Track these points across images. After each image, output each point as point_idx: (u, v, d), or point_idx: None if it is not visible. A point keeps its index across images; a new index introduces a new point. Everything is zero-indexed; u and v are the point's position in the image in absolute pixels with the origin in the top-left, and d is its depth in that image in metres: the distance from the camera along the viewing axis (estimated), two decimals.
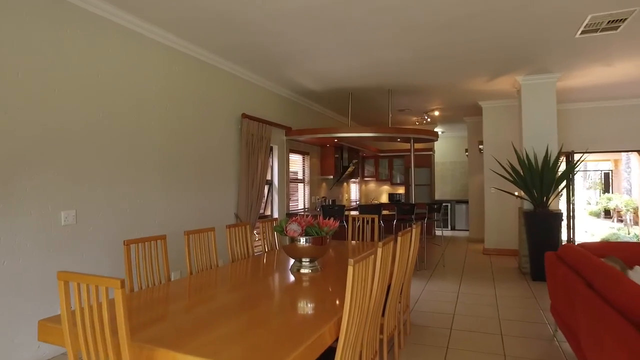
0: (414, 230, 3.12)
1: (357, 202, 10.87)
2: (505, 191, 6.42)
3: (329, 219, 2.93)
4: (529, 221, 5.49)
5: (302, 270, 2.81)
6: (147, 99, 4.05)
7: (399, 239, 2.72)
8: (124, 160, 3.77)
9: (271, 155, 6.66)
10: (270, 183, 6.63)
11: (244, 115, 5.53)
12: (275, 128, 6.47)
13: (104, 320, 1.38)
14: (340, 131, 6.46)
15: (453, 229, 11.77)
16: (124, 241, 2.44)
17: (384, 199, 11.06)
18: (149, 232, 4.02)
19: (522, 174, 5.61)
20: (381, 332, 2.64)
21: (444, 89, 6.79)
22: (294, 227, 2.74)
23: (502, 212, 7.50)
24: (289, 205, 7.00)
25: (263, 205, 6.51)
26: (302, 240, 2.74)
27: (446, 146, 12.50)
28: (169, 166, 4.35)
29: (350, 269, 1.73)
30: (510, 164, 5.75)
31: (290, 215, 6.79)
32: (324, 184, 8.52)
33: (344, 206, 6.20)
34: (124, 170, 3.77)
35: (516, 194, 6.00)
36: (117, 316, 1.33)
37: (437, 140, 7.08)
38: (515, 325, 3.75)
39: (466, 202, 11.54)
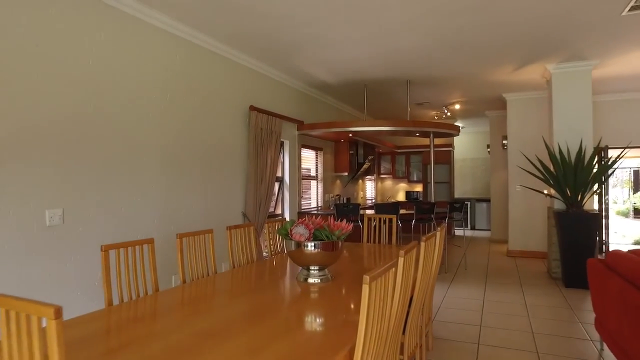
0: (438, 234, 2.73)
1: (373, 201, 10.47)
2: (534, 189, 5.94)
3: (341, 221, 2.56)
4: (561, 222, 5.02)
5: (310, 280, 2.45)
6: (145, 90, 3.74)
7: (422, 244, 2.33)
8: (119, 155, 3.46)
9: (282, 151, 6.32)
10: (281, 180, 6.29)
11: (252, 108, 5.20)
12: (286, 122, 6.12)
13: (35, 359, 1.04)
14: (355, 125, 6.08)
15: (473, 228, 11.28)
16: (102, 246, 2.11)
17: (401, 197, 10.64)
18: (146, 234, 3.72)
19: (553, 170, 5.14)
20: (401, 352, 2.26)
21: (466, 80, 6.33)
22: (300, 231, 2.38)
23: (529, 211, 7.02)
24: (301, 204, 6.65)
25: (273, 203, 6.18)
26: (310, 245, 2.38)
27: (466, 142, 11.99)
28: (170, 162, 4.04)
29: (365, 289, 1.36)
30: (539, 160, 5.28)
31: (302, 214, 6.44)
32: (338, 181, 8.15)
33: (359, 205, 5.82)
34: (118, 166, 3.46)
35: (545, 192, 5.53)
36: (50, 355, 0.99)
37: (458, 134, 6.64)
38: (552, 342, 3.33)
39: (487, 200, 11.03)
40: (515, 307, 4.22)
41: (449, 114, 8.57)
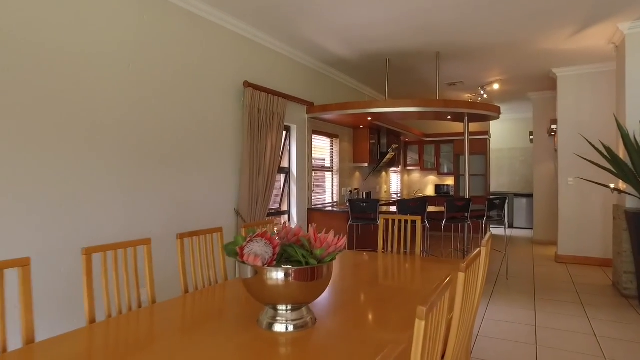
0: (483, 255, 1.77)
1: (399, 195, 9.45)
2: (595, 182, 4.81)
3: (326, 234, 1.64)
4: (638, 224, 3.92)
5: (277, 327, 1.55)
6: (97, 56, 2.90)
7: (460, 275, 1.39)
8: (61, 140, 2.65)
9: (288, 137, 5.42)
10: (287, 172, 5.40)
11: (247, 84, 4.31)
12: (292, 103, 5.21)
13: None
14: (374, 106, 5.11)
15: (511, 226, 10.09)
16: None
17: (430, 191, 9.57)
18: (100, 240, 2.90)
19: (625, 159, 4.03)
20: None
21: (508, 52, 5.23)
22: (256, 249, 1.47)
23: (584, 209, 5.86)
24: (311, 199, 5.75)
25: (277, 198, 5.30)
26: (274, 274, 1.48)
27: (504, 130, 10.76)
28: (135, 149, 3.21)
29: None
30: (606, 147, 4.16)
31: (313, 212, 5.55)
32: (357, 173, 7.19)
33: (378, 201, 4.87)
34: (61, 154, 2.65)
35: (612, 186, 4.41)
36: None
37: (498, 116, 5.56)
38: None
39: (528, 195, 9.83)
40: (580, 341, 3.19)
41: (485, 96, 7.43)
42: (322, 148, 6.30)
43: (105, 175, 2.98)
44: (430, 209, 5.24)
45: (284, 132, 5.37)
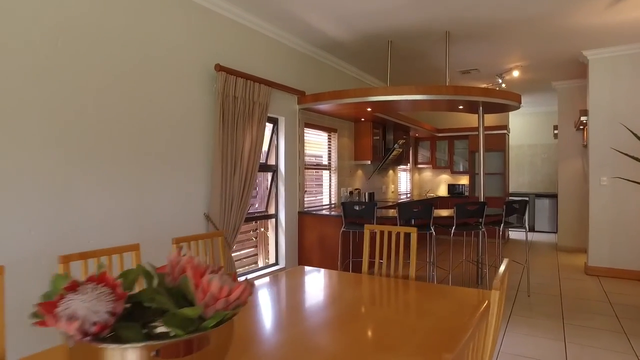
0: (495, 309, 1.08)
1: (408, 195, 8.72)
2: (639, 182, 4.03)
3: (232, 280, 0.97)
4: None
5: None
6: (18, 31, 2.30)
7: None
8: None
9: (275, 130, 4.77)
10: (274, 170, 4.76)
11: (219, 68, 3.67)
12: (278, 92, 4.56)
13: None
14: (374, 94, 4.41)
15: (532, 230, 9.25)
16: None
17: (442, 191, 8.81)
18: (15, 256, 2.30)
19: None
20: None
21: (530, 31, 4.48)
22: (79, 306, 0.81)
23: (620, 213, 5.05)
24: (303, 201, 5.08)
25: (261, 200, 4.66)
26: (111, 351, 0.81)
27: (525, 124, 9.91)
28: (75, 146, 2.59)
29: None
30: None
31: (305, 215, 4.89)
32: (359, 172, 6.50)
33: (375, 204, 4.16)
34: None
35: None
36: None
37: (519, 106, 4.79)
38: None
39: (552, 196, 8.98)
40: None
41: (504, 86, 6.64)
42: (318, 144, 5.63)
43: (30, 178, 2.37)
44: (439, 212, 4.52)
45: (271, 125, 4.72)
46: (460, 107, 4.80)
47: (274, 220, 4.79)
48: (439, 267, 5.12)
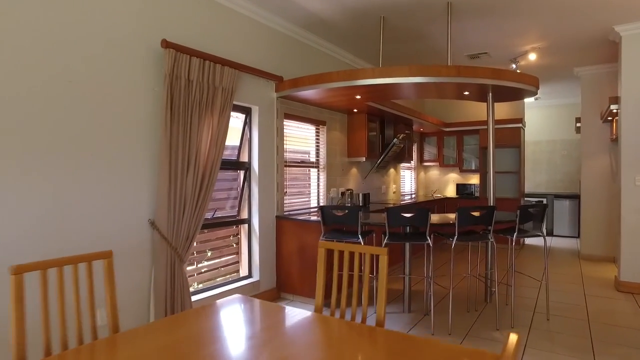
0: None
1: (413, 196, 7.97)
2: None
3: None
4: None
5: None
6: None
7: None
8: None
9: (248, 122, 4.10)
10: (247, 167, 4.09)
11: (167, 44, 3.02)
12: (250, 77, 3.89)
13: None
14: (360, 76, 3.69)
15: (551, 234, 8.41)
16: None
17: (451, 191, 8.03)
18: None
19: None
20: None
21: (549, 1, 3.72)
22: None
23: None
24: (282, 203, 4.41)
25: (234, 203, 4.00)
26: None
27: (542, 118, 9.07)
28: None
29: None
30: None
31: (283, 220, 4.23)
32: (354, 170, 5.79)
33: (359, 208, 3.45)
34: None
35: None
36: None
37: (536, 91, 4.03)
38: None
39: (572, 196, 8.15)
40: None
41: (518, 71, 5.85)
42: (304, 138, 4.94)
43: None
44: (442, 217, 3.79)
45: (243, 116, 4.05)
46: (466, 92, 4.06)
47: (247, 225, 4.13)
48: (437, 283, 4.37)
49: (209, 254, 3.85)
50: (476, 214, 3.25)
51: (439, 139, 7.93)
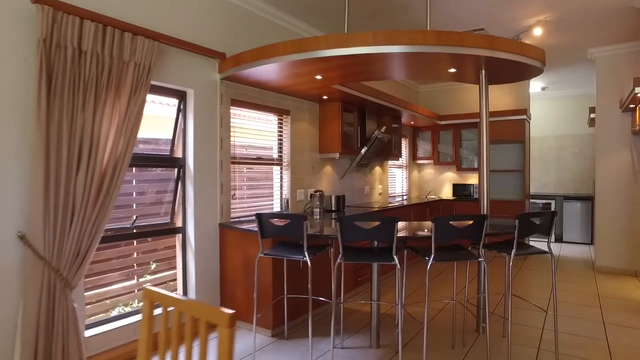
0: None
1: (405, 198, 7.14)
2: None
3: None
4: None
5: None
6: None
7: None
8: None
9: (182, 109, 3.32)
10: (181, 165, 3.31)
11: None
12: (182, 53, 3.12)
13: None
14: (314, 47, 2.88)
15: (559, 240, 7.54)
16: None
17: (447, 192, 7.18)
18: None
19: None
20: None
21: None
22: None
23: None
24: (228, 208, 3.62)
25: (165, 209, 3.21)
26: None
27: (549, 111, 8.19)
28: None
29: None
30: None
31: (227, 229, 3.45)
32: (327, 169, 4.98)
33: (303, 217, 2.64)
34: None
35: None
36: None
37: (542, 68, 3.20)
38: None
39: (584, 198, 7.29)
40: None
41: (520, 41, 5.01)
42: (262, 130, 4.15)
43: None
44: (421, 225, 2.97)
45: (176, 101, 3.27)
46: (452, 69, 3.23)
47: (180, 235, 3.35)
48: (410, 314, 3.52)
49: (153, 266, 3.13)
50: (458, 225, 2.43)
51: (434, 133, 7.09)
